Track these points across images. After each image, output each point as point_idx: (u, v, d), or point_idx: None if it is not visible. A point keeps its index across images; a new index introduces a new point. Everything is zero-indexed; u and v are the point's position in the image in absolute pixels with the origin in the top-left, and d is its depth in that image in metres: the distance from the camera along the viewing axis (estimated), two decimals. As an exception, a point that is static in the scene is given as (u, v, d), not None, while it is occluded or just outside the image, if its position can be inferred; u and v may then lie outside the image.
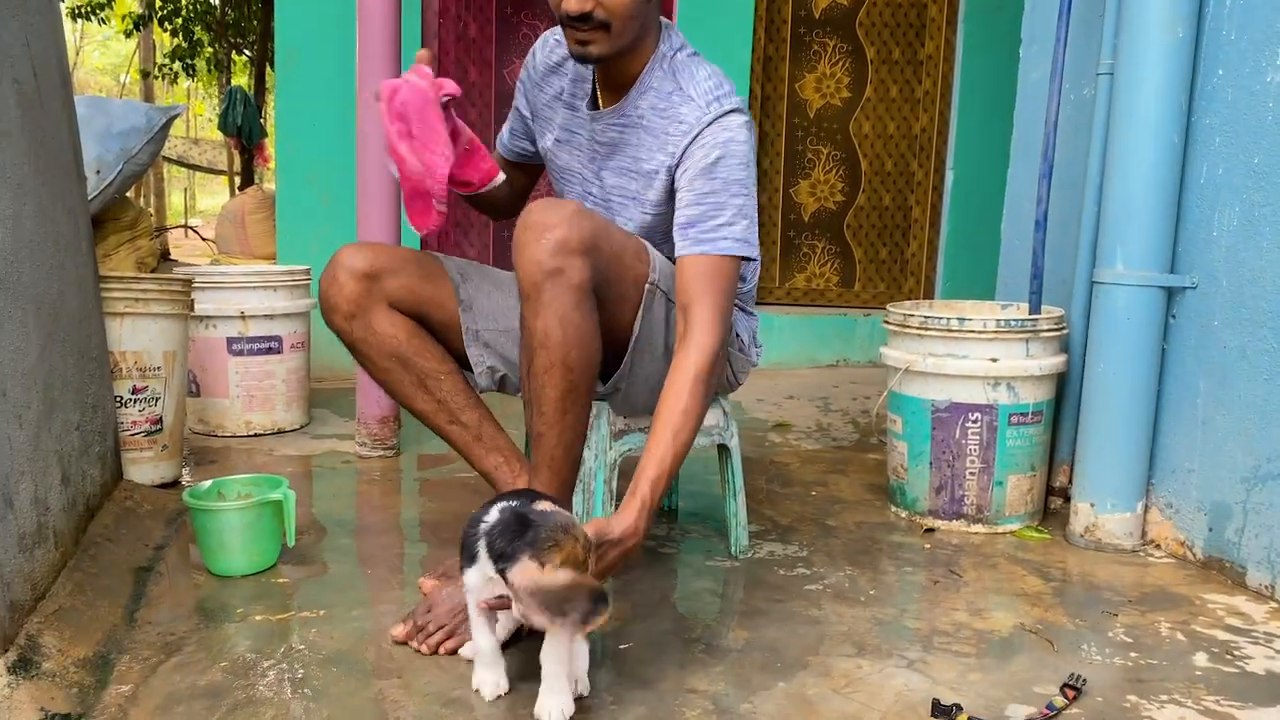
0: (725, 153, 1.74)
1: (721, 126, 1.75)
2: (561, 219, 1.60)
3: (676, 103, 1.79)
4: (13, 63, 1.71)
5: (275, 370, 3.13)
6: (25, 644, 1.46)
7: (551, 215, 1.60)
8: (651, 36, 1.81)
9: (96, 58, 30.23)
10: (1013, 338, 2.28)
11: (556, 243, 1.58)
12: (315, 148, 4.20)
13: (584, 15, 1.65)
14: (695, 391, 1.64)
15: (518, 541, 1.34)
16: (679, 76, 1.81)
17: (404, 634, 1.66)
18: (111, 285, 2.33)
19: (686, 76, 1.81)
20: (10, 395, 1.54)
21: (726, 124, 1.76)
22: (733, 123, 1.76)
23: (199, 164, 19.10)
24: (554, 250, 1.58)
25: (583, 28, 1.68)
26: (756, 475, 2.81)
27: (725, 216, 1.73)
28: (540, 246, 1.58)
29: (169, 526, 2.19)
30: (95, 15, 13.62)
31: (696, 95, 1.78)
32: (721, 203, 1.73)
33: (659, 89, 1.82)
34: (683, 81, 1.80)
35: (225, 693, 1.48)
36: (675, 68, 1.82)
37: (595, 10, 1.65)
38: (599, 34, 1.68)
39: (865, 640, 1.74)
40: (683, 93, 1.79)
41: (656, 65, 1.82)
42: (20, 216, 1.67)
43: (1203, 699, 1.55)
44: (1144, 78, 2.12)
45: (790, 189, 4.93)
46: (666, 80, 1.81)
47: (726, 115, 1.76)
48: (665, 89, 1.81)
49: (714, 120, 1.75)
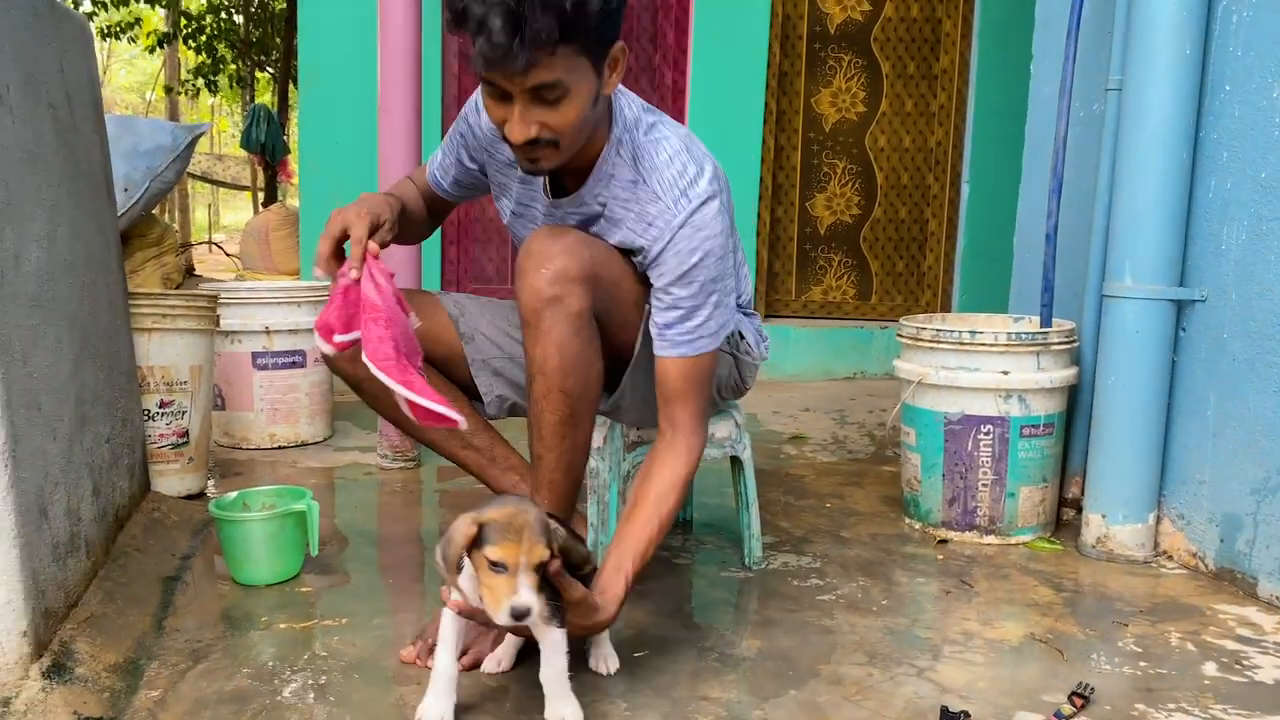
0: (701, 256, 1.66)
1: (694, 227, 1.66)
2: (561, 248, 1.62)
3: (643, 198, 1.69)
4: (48, 88, 1.78)
5: (299, 384, 3.19)
6: (59, 650, 1.51)
7: (552, 245, 1.63)
8: (604, 123, 1.69)
9: (123, 76, 30.67)
10: (1024, 351, 2.30)
11: (556, 272, 1.60)
12: (338, 165, 4.27)
13: (531, 141, 1.55)
14: (679, 495, 1.69)
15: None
16: (640, 164, 1.69)
17: (412, 656, 1.67)
18: (140, 301, 2.39)
19: (648, 164, 1.69)
20: (45, 409, 1.59)
21: (698, 221, 1.66)
22: (705, 217, 1.66)
23: (223, 180, 19.33)
24: (553, 279, 1.60)
25: (530, 148, 1.57)
26: (772, 487, 2.84)
27: (701, 317, 1.69)
28: (540, 275, 1.61)
29: (195, 537, 2.24)
30: (124, 35, 13.85)
31: (662, 191, 1.67)
32: (698, 305, 1.68)
33: (619, 177, 1.71)
34: (644, 170, 1.69)
35: (251, 698, 1.53)
36: (636, 152, 1.70)
37: (541, 134, 1.53)
38: (548, 150, 1.58)
39: (877, 649, 1.76)
40: (647, 186, 1.68)
41: (613, 150, 1.70)
42: (55, 237, 1.73)
43: (1210, 708, 1.57)
44: (1152, 94, 2.15)
45: (806, 202, 4.96)
46: (625, 167, 1.70)
47: (698, 211, 1.66)
48: (625, 177, 1.70)
49: (685, 222, 1.66)
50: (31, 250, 1.60)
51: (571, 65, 1.48)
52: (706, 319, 1.70)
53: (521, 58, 1.42)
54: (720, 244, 1.68)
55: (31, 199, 1.63)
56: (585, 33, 1.46)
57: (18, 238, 1.54)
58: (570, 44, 1.45)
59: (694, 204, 1.66)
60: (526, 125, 1.52)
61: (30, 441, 1.51)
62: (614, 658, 1.64)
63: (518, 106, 1.51)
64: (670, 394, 1.72)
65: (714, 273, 1.68)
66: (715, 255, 1.68)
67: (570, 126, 1.55)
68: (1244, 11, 2.07)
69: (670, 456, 1.71)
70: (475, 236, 4.65)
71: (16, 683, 1.42)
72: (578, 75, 1.50)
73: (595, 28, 1.47)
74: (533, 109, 1.51)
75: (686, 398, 1.72)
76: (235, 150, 22.39)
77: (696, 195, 1.66)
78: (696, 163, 1.69)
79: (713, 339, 1.72)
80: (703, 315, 1.69)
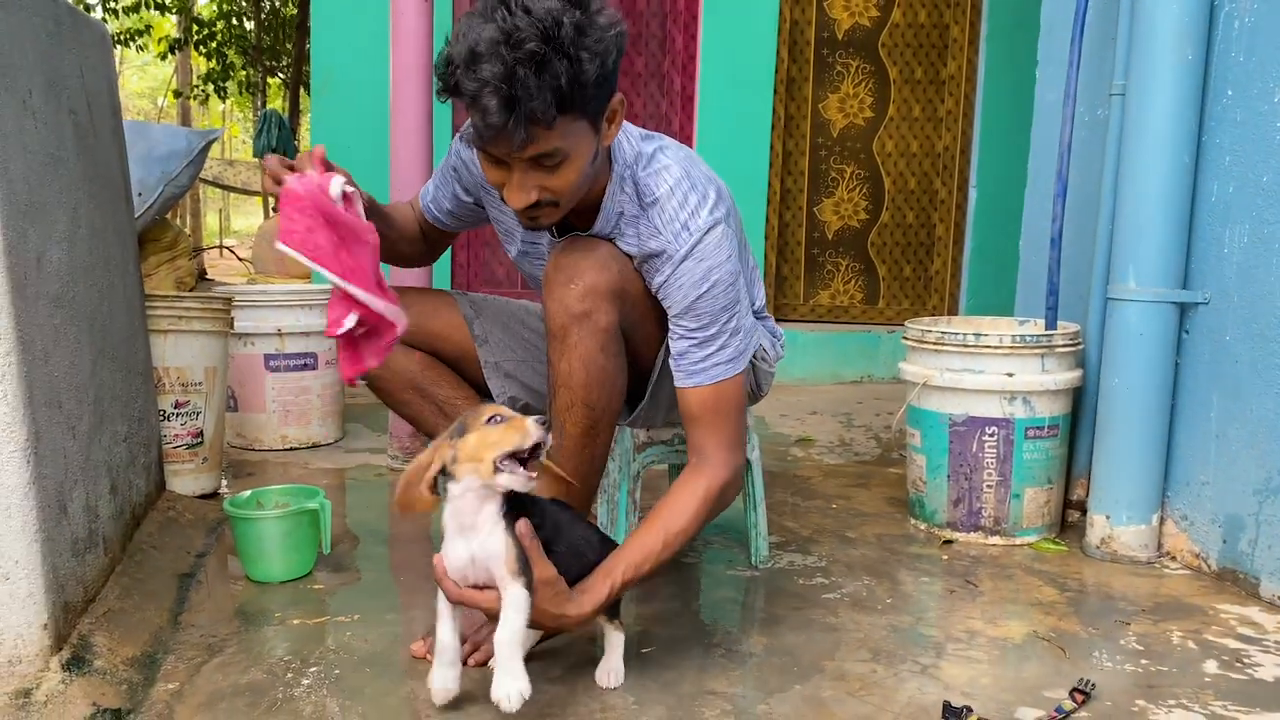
0: (708, 287, 1.63)
1: (697, 259, 1.63)
2: (591, 264, 1.63)
3: (644, 234, 1.66)
4: (69, 94, 1.82)
5: (311, 386, 3.23)
6: (78, 643, 1.54)
7: (582, 260, 1.63)
8: (604, 165, 1.66)
9: (135, 82, 30.85)
10: (1028, 353, 2.32)
11: (585, 288, 1.61)
12: (349, 170, 4.30)
13: (533, 204, 1.54)
14: (698, 514, 1.64)
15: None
16: (642, 199, 1.66)
17: (422, 650, 1.69)
18: (156, 303, 2.43)
19: (649, 198, 1.65)
20: (65, 407, 1.63)
21: (702, 253, 1.63)
22: (708, 248, 1.63)
23: (234, 185, 19.41)
24: (582, 295, 1.61)
25: (531, 211, 1.56)
26: (779, 489, 2.86)
27: (714, 347, 1.66)
28: (569, 291, 1.61)
29: (209, 535, 2.28)
30: (134, 42, 13.96)
31: (663, 225, 1.64)
32: (710, 336, 1.66)
33: (626, 213, 1.69)
34: (645, 204, 1.66)
35: (265, 691, 1.56)
36: (638, 189, 1.67)
37: (541, 197, 1.53)
38: (547, 210, 1.56)
39: (881, 646, 1.79)
40: (649, 222, 1.66)
41: (617, 189, 1.68)
42: (75, 239, 1.77)
43: (1210, 704, 1.59)
44: (1155, 99, 2.17)
45: (814, 207, 4.99)
46: (630, 204, 1.68)
47: (700, 242, 1.62)
48: (631, 213, 1.68)
49: (688, 255, 1.62)
50: (54, 251, 1.64)
51: (569, 131, 1.46)
52: (720, 348, 1.66)
53: (518, 136, 1.40)
54: (729, 270, 1.65)
55: (54, 201, 1.67)
56: (583, 102, 1.44)
57: (41, 239, 1.58)
58: (567, 114, 1.43)
59: (696, 236, 1.62)
60: (526, 192, 1.51)
61: (51, 439, 1.54)
62: (620, 672, 1.60)
63: (515, 174, 1.50)
64: (691, 420, 1.69)
65: (724, 301, 1.65)
66: (724, 284, 1.64)
67: (570, 187, 1.53)
68: (1246, 17, 2.09)
69: (690, 476, 1.67)
70: (485, 240, 4.68)
71: (37, 674, 1.45)
72: (576, 138, 1.48)
73: (593, 96, 1.45)
74: (531, 175, 1.50)
75: (708, 425, 1.68)
76: (246, 155, 22.51)
77: (698, 227, 1.63)
78: (699, 190, 1.66)
79: (730, 365, 1.68)
80: (715, 345, 1.66)
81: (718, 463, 1.67)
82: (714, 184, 1.70)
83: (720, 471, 1.66)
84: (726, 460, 1.68)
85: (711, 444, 1.67)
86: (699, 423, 1.68)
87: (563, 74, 1.38)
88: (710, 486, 1.65)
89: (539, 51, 1.36)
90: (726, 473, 1.67)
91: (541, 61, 1.36)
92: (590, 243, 1.68)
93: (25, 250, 1.51)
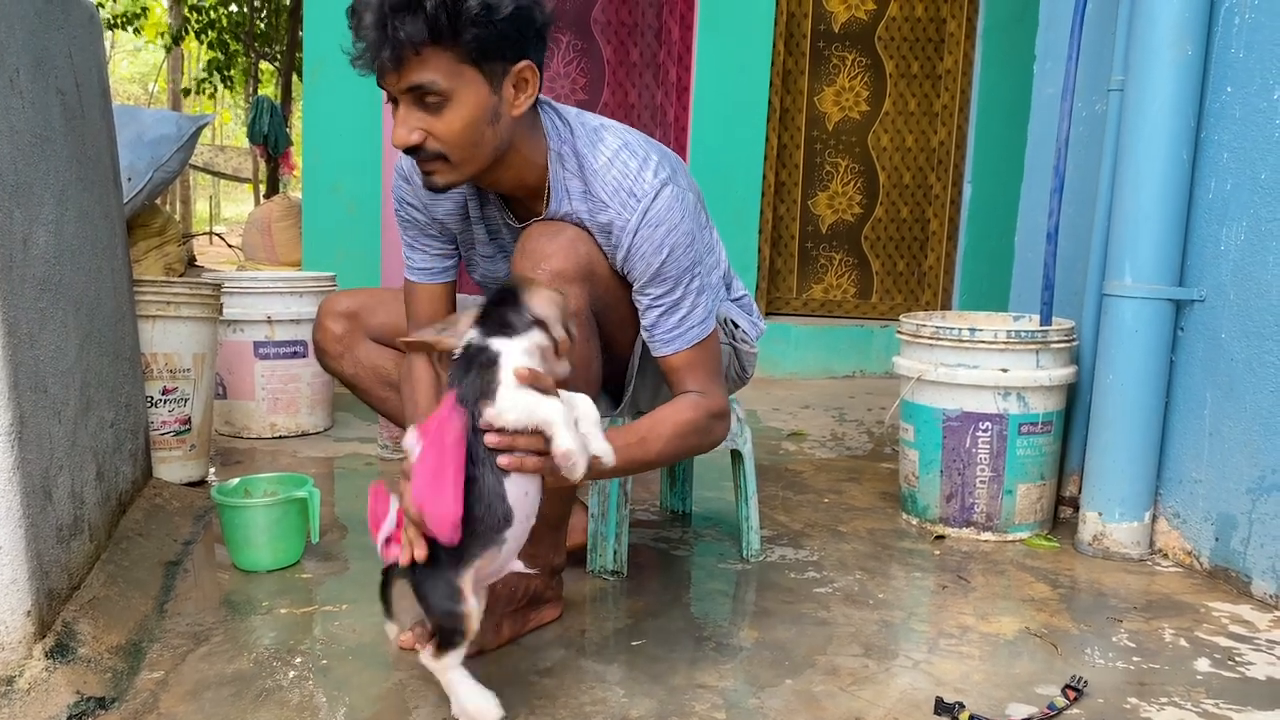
0: (668, 252, 1.62)
1: (652, 225, 1.61)
2: (557, 247, 1.60)
3: (595, 209, 1.64)
4: (57, 73, 1.79)
5: (300, 374, 3.20)
6: (62, 630, 1.52)
7: (547, 244, 1.61)
8: (533, 141, 1.63)
9: (125, 67, 30.62)
10: (1023, 348, 2.31)
11: (553, 272, 1.58)
12: (341, 157, 4.28)
13: (414, 148, 1.52)
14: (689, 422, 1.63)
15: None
16: (584, 172, 1.64)
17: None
18: (144, 289, 2.40)
19: (590, 172, 1.63)
20: (50, 392, 1.61)
21: (654, 218, 1.60)
22: (659, 210, 1.61)
23: (224, 172, 19.33)
24: (550, 279, 1.58)
25: (421, 159, 1.55)
26: (770, 482, 2.85)
27: (684, 309, 1.66)
28: (536, 275, 1.59)
29: (196, 523, 2.26)
30: (129, 26, 13.85)
31: (608, 197, 1.62)
32: (678, 299, 1.65)
33: (573, 190, 1.66)
34: (589, 179, 1.64)
35: (252, 680, 1.54)
36: (579, 161, 1.65)
37: (427, 143, 1.51)
38: (438, 164, 1.55)
39: (872, 641, 1.78)
40: (595, 197, 1.63)
41: (558, 165, 1.65)
42: (62, 221, 1.74)
43: (1202, 702, 1.58)
44: (1153, 94, 2.16)
45: (808, 200, 4.97)
46: (574, 178, 1.65)
47: (650, 208, 1.60)
48: (578, 189, 1.65)
49: (640, 223, 1.60)
50: (40, 234, 1.61)
51: (451, 71, 1.46)
52: (691, 309, 1.66)
53: (386, 56, 1.43)
54: (686, 230, 1.63)
55: (40, 183, 1.64)
56: (457, 39, 1.44)
57: (27, 220, 1.56)
58: (442, 45, 1.44)
59: (644, 202, 1.60)
60: (406, 129, 1.50)
61: (35, 423, 1.52)
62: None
63: (401, 110, 1.51)
64: (676, 383, 1.70)
65: (686, 262, 1.64)
66: (683, 245, 1.63)
67: (455, 135, 1.51)
68: (1246, 13, 2.08)
69: (678, 402, 1.67)
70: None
71: (20, 662, 1.43)
72: (460, 83, 1.48)
73: (478, 35, 1.45)
74: (414, 111, 1.50)
75: (690, 374, 1.68)
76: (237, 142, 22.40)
77: (644, 192, 1.60)
78: (638, 156, 1.63)
79: (702, 326, 1.68)
80: (685, 307, 1.66)
81: (705, 394, 1.68)
82: (655, 149, 1.68)
83: (705, 400, 1.67)
84: (713, 394, 1.69)
85: (695, 386, 1.68)
86: (680, 374, 1.69)
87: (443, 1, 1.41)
88: (698, 406, 1.66)
89: None
90: (712, 402, 1.68)
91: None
92: (555, 226, 1.65)
93: (11, 232, 1.49)
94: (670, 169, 1.65)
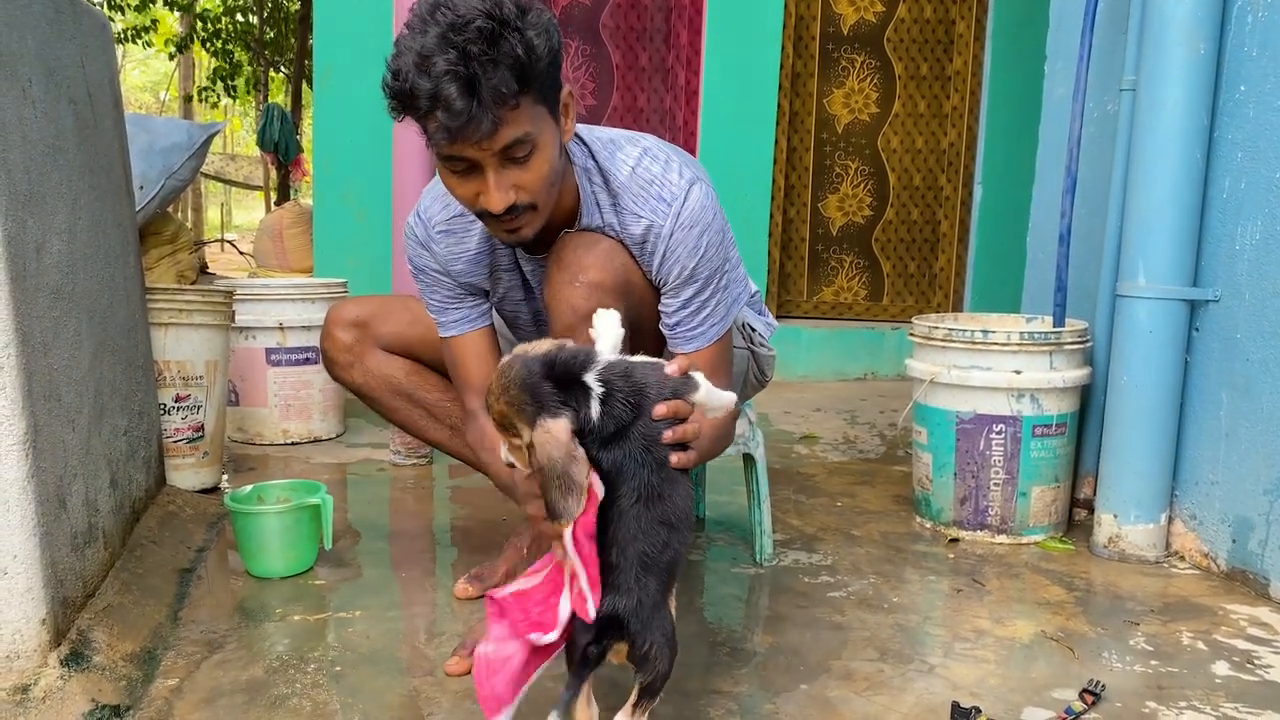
0: (702, 252, 1.60)
1: (685, 227, 1.59)
2: (595, 260, 1.57)
3: (627, 222, 1.61)
4: (70, 84, 1.80)
5: (312, 380, 3.21)
6: (76, 639, 1.53)
7: (585, 255, 1.58)
8: (566, 164, 1.59)
9: (136, 76, 30.82)
10: (1036, 350, 2.30)
11: (590, 285, 1.56)
12: (351, 164, 4.29)
13: (510, 209, 1.44)
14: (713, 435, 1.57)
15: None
16: (610, 185, 1.62)
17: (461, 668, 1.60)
18: (157, 296, 2.41)
19: (618, 185, 1.61)
20: (64, 400, 1.61)
21: (687, 219, 1.59)
22: (692, 211, 1.59)
23: (235, 179, 19.45)
24: (588, 294, 1.55)
25: (509, 219, 1.47)
26: (783, 486, 2.84)
27: (710, 308, 1.65)
28: (574, 290, 1.56)
29: (210, 530, 2.26)
30: (139, 39, 13.94)
31: (639, 206, 1.60)
32: (706, 299, 1.64)
33: (602, 203, 1.63)
34: (616, 192, 1.61)
35: (266, 688, 1.54)
36: (605, 177, 1.62)
37: (519, 198, 1.44)
38: (527, 215, 1.48)
39: (887, 645, 1.77)
40: (625, 210, 1.61)
41: (585, 181, 1.62)
42: (75, 230, 1.75)
43: (1221, 705, 1.57)
44: (1166, 94, 2.15)
45: (819, 203, 4.97)
46: (602, 192, 1.63)
47: (683, 209, 1.58)
48: (606, 202, 1.63)
49: (675, 227, 1.58)
50: (53, 242, 1.62)
51: (534, 115, 1.39)
52: (715, 307, 1.66)
53: (487, 120, 1.32)
54: (718, 228, 1.62)
55: (53, 192, 1.65)
56: (539, 79, 1.37)
57: (40, 229, 1.56)
58: (528, 93, 1.36)
59: (675, 205, 1.58)
60: (504, 191, 1.42)
61: (50, 432, 1.52)
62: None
63: (490, 174, 1.41)
64: None
65: (718, 261, 1.63)
66: (715, 244, 1.62)
67: (544, 182, 1.46)
68: (1259, 12, 2.07)
69: None
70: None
71: (35, 670, 1.44)
72: (541, 124, 1.42)
73: (546, 72, 1.38)
74: (506, 172, 1.41)
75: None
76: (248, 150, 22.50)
77: (674, 195, 1.59)
78: (659, 160, 1.62)
79: (724, 322, 1.68)
80: (710, 306, 1.65)
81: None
82: (675, 152, 1.66)
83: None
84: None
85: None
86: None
87: (517, 46, 1.32)
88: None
89: (487, 27, 1.31)
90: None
91: (493, 36, 1.31)
92: (591, 237, 1.62)
93: (25, 241, 1.49)
94: (695, 171, 1.64)
